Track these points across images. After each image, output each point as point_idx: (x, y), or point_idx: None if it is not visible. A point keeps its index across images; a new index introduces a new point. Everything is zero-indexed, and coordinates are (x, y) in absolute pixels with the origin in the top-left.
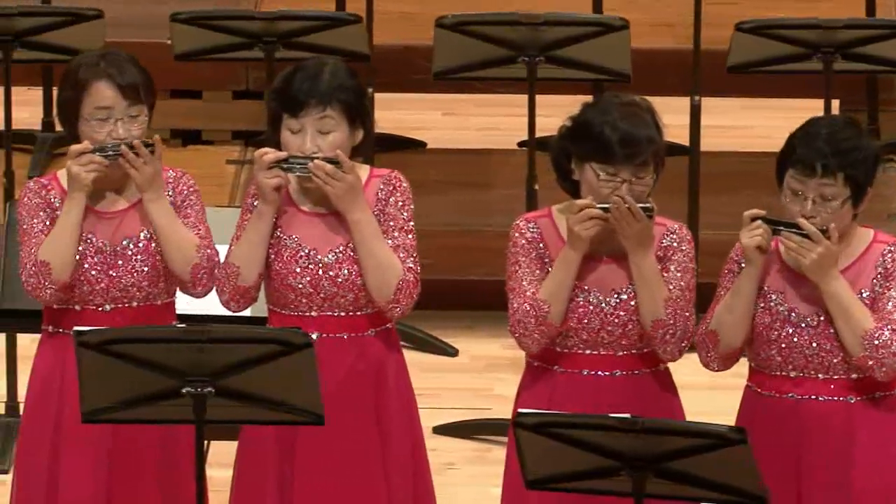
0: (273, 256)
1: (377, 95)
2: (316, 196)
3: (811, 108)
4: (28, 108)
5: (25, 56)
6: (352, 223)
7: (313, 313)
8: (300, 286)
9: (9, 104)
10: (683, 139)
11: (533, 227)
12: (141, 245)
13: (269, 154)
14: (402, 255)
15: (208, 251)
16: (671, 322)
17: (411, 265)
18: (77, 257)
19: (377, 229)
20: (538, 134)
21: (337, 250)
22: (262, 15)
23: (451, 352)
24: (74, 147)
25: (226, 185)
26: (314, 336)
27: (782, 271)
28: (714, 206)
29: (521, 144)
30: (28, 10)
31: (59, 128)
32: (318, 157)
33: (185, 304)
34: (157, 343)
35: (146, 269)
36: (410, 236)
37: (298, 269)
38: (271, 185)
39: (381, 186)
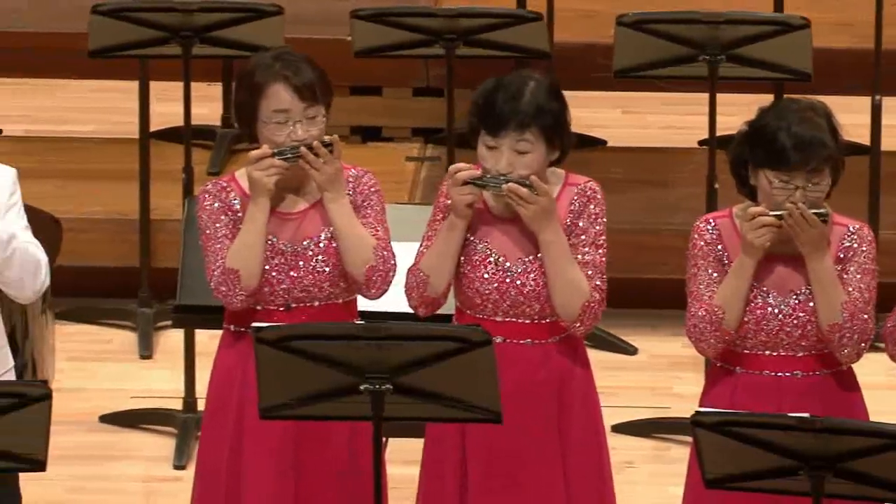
0: (463, 259)
1: None
2: (508, 204)
3: None
4: (207, 104)
5: (205, 52)
6: (542, 243)
7: (498, 318)
8: (486, 292)
9: (188, 100)
10: (864, 139)
11: (712, 229)
12: (322, 245)
13: (464, 172)
14: (590, 271)
15: (385, 253)
16: (848, 326)
17: (598, 283)
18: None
19: (567, 251)
20: (719, 132)
21: (526, 260)
22: (443, 12)
23: (631, 350)
24: (254, 153)
25: (405, 182)
26: (498, 340)
27: None
28: (895, 205)
29: (701, 143)
30: (208, 6)
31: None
32: (512, 179)
33: (367, 301)
34: (335, 340)
35: (327, 269)
36: (601, 251)
37: (486, 276)
38: (465, 201)
39: (576, 197)
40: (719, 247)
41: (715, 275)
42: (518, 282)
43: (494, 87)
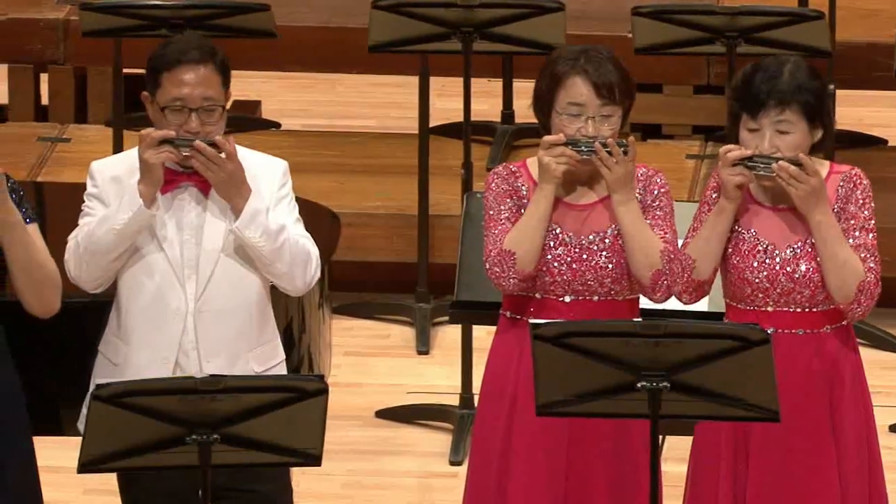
0: (730, 250)
1: (838, 92)
2: (775, 191)
3: None
4: (488, 100)
5: (486, 47)
6: (813, 224)
7: (769, 308)
8: (756, 281)
9: (468, 95)
10: None
11: None
12: (607, 241)
13: (734, 152)
14: (862, 254)
15: (671, 257)
16: None
17: (872, 265)
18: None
19: (839, 231)
20: None
21: (795, 246)
22: (724, 10)
23: None
24: (547, 138)
25: (685, 180)
26: (770, 331)
27: None
28: None
29: None
30: (489, 2)
31: (517, 120)
32: (780, 158)
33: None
34: (612, 337)
35: (610, 265)
36: (871, 235)
37: (755, 264)
38: (734, 182)
39: (841, 184)
40: None
41: None
42: (788, 268)
43: (753, 69)
